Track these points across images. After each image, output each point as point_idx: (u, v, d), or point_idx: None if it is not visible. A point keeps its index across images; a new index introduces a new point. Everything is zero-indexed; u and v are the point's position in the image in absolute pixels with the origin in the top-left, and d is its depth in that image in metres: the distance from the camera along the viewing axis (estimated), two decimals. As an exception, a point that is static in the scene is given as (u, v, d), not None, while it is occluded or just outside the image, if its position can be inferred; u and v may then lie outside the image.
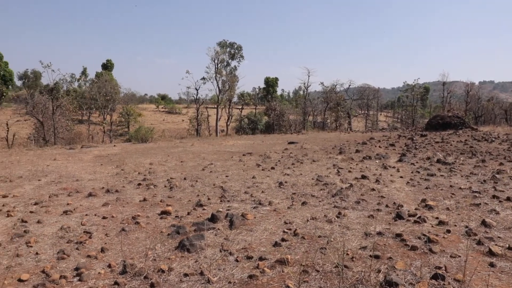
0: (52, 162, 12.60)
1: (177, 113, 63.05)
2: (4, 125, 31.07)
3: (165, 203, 6.76)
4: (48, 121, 29.98)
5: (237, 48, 43.35)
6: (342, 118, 42.38)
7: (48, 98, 32.12)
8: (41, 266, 4.17)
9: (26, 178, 9.53)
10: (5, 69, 53.11)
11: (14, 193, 7.69)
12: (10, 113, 46.21)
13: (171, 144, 19.58)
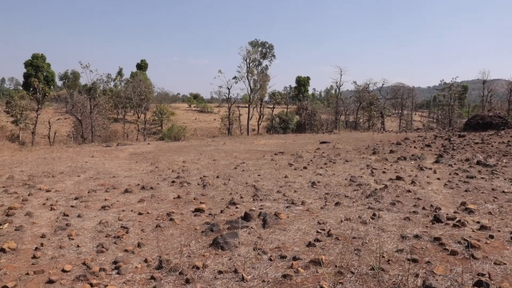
0: (90, 159, 13.06)
1: (208, 112, 63.82)
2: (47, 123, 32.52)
3: (198, 201, 6.85)
4: (86, 119, 31.13)
5: (269, 47, 43.39)
6: (375, 117, 41.54)
7: (86, 98, 33.34)
8: (82, 258, 4.33)
9: (67, 174, 9.92)
10: (47, 70, 55.57)
11: (56, 188, 8.03)
12: (52, 112, 48.29)
13: (203, 143, 19.84)
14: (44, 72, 56.02)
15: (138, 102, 41.16)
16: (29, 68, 55.89)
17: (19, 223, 5.59)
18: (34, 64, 56.07)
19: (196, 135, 31.08)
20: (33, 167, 11.34)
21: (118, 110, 48.21)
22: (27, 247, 4.71)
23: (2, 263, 4.20)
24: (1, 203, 6.80)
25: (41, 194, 7.56)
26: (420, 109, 73.40)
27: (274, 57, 43.92)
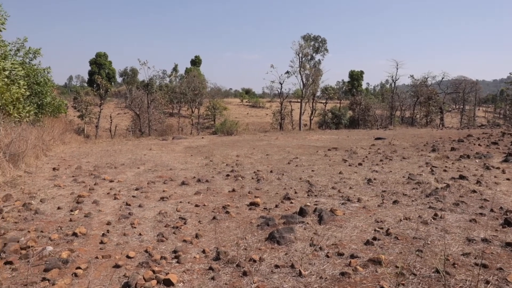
0: (148, 152, 13.64)
1: (260, 107, 64.16)
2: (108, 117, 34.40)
3: (253, 195, 6.92)
4: (143, 114, 32.53)
5: (321, 42, 42.68)
6: (433, 113, 39.48)
7: (144, 93, 34.80)
8: (144, 246, 4.54)
9: (127, 166, 10.44)
10: (109, 67, 58.74)
11: (118, 179, 8.47)
12: (113, 106, 51.03)
13: (256, 138, 19.99)
14: (106, 69, 59.29)
15: (192, 97, 42.27)
16: (93, 66, 59.40)
17: (88, 210, 5.97)
18: (97, 62, 59.50)
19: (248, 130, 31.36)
20: (97, 158, 12.06)
21: (173, 105, 49.84)
22: (95, 232, 5.02)
23: (75, 246, 4.51)
24: (72, 191, 7.31)
25: (105, 184, 8.02)
26: (485, 104, 68.69)
27: (326, 51, 43.14)
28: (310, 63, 41.93)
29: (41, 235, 4.92)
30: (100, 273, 3.84)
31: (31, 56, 16.18)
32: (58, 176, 8.85)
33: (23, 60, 15.69)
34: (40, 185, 7.93)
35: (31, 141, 11.36)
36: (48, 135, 14.76)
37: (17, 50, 15.11)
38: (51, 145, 14.43)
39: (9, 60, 12.98)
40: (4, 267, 3.98)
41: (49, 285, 3.56)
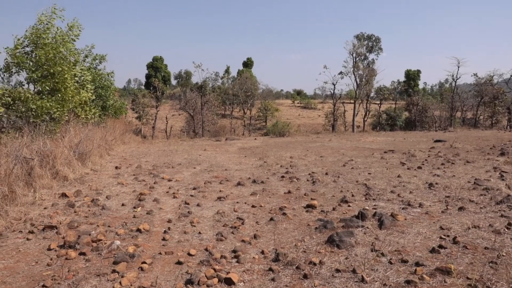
0: (203, 152, 13.99)
1: (312, 108, 63.54)
2: (164, 119, 35.75)
3: (309, 197, 6.86)
4: (197, 115, 33.42)
5: (375, 40, 41.48)
6: (500, 114, 36.84)
7: (197, 95, 35.78)
8: (204, 244, 4.65)
9: (184, 166, 10.77)
10: (165, 70, 61.28)
11: (176, 178, 8.76)
12: (168, 108, 52.94)
13: (308, 139, 19.81)
14: (162, 72, 61.87)
15: (244, 99, 42.79)
16: (150, 69, 62.19)
17: (149, 208, 6.23)
18: (154, 65, 62.22)
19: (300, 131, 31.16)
20: (155, 158, 12.56)
21: (226, 106, 50.77)
22: (157, 229, 5.22)
23: (139, 241, 4.72)
24: (134, 189, 7.67)
25: (164, 183, 8.32)
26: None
27: (381, 51, 41.88)
28: (364, 63, 40.90)
29: (108, 229, 5.20)
30: (164, 269, 3.99)
31: (97, 62, 17.22)
32: (121, 175, 9.32)
33: (90, 65, 16.72)
34: (105, 182, 8.40)
35: (96, 141, 12.09)
36: (110, 135, 15.61)
37: (85, 56, 16.14)
38: (113, 144, 15.24)
39: (79, 66, 13.90)
40: (79, 257, 4.26)
41: (119, 277, 3.75)
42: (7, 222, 5.44)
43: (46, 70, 11.95)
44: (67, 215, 5.90)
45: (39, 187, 7.33)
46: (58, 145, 9.24)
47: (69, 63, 12.49)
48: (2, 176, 6.01)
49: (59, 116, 12.03)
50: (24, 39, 12.48)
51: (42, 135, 9.07)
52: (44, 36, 12.08)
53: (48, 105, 11.65)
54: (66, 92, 12.37)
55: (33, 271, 3.98)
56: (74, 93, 12.62)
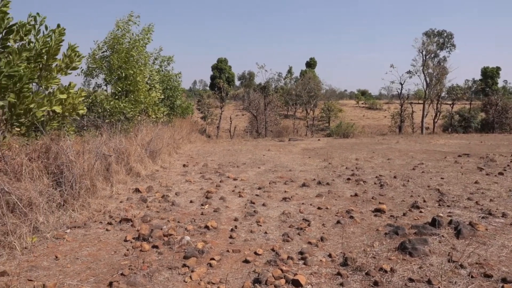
0: (266, 152, 14.08)
1: (377, 109, 61.40)
2: (228, 119, 36.58)
3: (377, 201, 6.61)
4: (260, 115, 33.75)
5: (447, 36, 38.99)
6: None
7: (260, 96, 36.12)
8: (270, 244, 4.66)
9: (248, 165, 10.92)
10: (229, 72, 62.76)
11: (241, 177, 8.91)
12: (232, 108, 54.11)
13: (374, 141, 19.15)
14: (226, 73, 63.39)
15: (307, 99, 42.45)
16: (214, 71, 64.02)
17: (216, 206, 6.40)
18: (218, 67, 63.96)
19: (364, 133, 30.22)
20: (220, 157, 12.88)
21: (289, 106, 50.76)
22: (224, 227, 5.33)
23: (208, 238, 4.86)
24: (201, 186, 7.93)
25: (230, 182, 8.49)
26: None
27: (453, 47, 39.28)
28: (434, 61, 38.62)
29: (178, 225, 5.42)
30: (231, 266, 4.06)
31: (165, 64, 18.09)
32: (188, 172, 9.68)
33: (160, 67, 17.62)
34: (174, 179, 8.77)
35: (166, 140, 12.68)
36: (178, 134, 16.29)
37: (155, 59, 17.04)
38: (180, 143, 15.90)
39: (148, 68, 14.70)
40: (152, 250, 4.48)
41: (189, 271, 3.88)
42: (89, 213, 5.89)
43: (120, 73, 12.79)
44: (140, 209, 6.25)
45: (115, 182, 7.84)
46: (132, 143, 9.82)
47: (140, 66, 13.25)
48: (86, 171, 6.51)
49: (132, 116, 12.82)
50: (104, 44, 13.47)
51: (118, 134, 9.69)
52: (121, 41, 12.95)
53: (122, 105, 12.46)
54: (138, 94, 13.15)
55: (112, 259, 4.26)
56: (145, 94, 13.37)
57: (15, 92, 6.88)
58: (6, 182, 5.12)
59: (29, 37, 7.44)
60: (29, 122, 7.55)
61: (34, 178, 5.72)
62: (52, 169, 6.20)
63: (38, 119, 7.46)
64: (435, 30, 38.45)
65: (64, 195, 5.89)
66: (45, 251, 4.50)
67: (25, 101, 7.10)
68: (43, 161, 6.25)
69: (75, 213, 5.77)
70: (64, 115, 8.08)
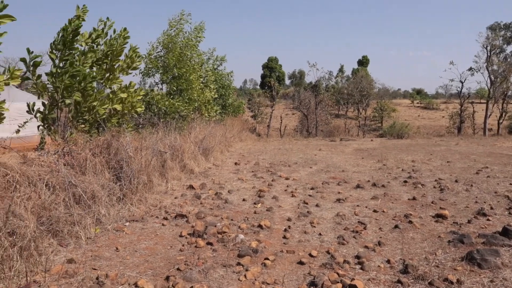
0: (318, 152, 13.86)
1: (433, 108, 58.52)
2: (278, 118, 36.59)
3: (437, 206, 6.24)
4: (311, 114, 33.38)
5: (516, 29, 36.18)
6: None
7: (311, 95, 35.72)
8: (325, 246, 4.54)
9: (300, 165, 10.80)
10: (279, 70, 62.67)
11: (293, 177, 8.82)
12: (282, 107, 54.03)
13: (431, 142, 18.22)
14: (277, 72, 63.36)
15: (359, 99, 41.41)
16: (265, 69, 64.23)
17: (269, 205, 6.36)
18: (269, 66, 64.08)
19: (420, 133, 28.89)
20: (271, 156, 12.85)
21: (340, 106, 49.80)
22: (277, 227, 5.28)
23: (261, 237, 4.83)
24: (253, 185, 7.94)
25: (282, 181, 8.43)
26: None
27: (523, 41, 36.38)
28: (500, 57, 36.02)
29: (231, 223, 5.45)
30: (285, 267, 4.00)
31: (218, 63, 18.39)
32: (240, 171, 9.74)
33: (213, 66, 17.95)
34: (226, 177, 8.86)
35: (218, 138, 12.87)
36: (230, 133, 16.49)
37: (208, 58, 17.38)
38: (232, 142, 16.07)
39: (204, 68, 15.03)
40: (206, 246, 4.53)
41: (243, 270, 3.87)
42: (146, 207, 6.10)
43: (174, 72, 13.18)
44: (194, 205, 6.37)
45: (170, 178, 8.07)
46: (186, 141, 10.06)
47: (194, 65, 13.56)
48: (143, 167, 6.75)
49: (186, 114, 13.15)
50: (158, 45, 13.94)
51: (173, 131, 9.97)
52: (174, 40, 13.33)
53: (176, 104, 12.81)
54: (192, 92, 13.47)
55: (168, 254, 4.36)
56: (199, 93, 13.67)
57: (80, 91, 7.29)
58: (73, 175, 5.42)
59: (98, 40, 7.86)
60: (92, 119, 7.97)
61: (96, 172, 6.01)
62: (112, 164, 6.49)
63: (100, 116, 7.86)
64: (501, 23, 35.89)
65: (123, 189, 6.14)
66: (107, 242, 4.70)
67: (89, 99, 7.51)
68: (104, 156, 6.56)
69: (133, 207, 5.99)
70: (124, 113, 8.45)
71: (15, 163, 5.01)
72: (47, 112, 7.42)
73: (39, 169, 5.23)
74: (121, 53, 8.11)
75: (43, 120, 7.47)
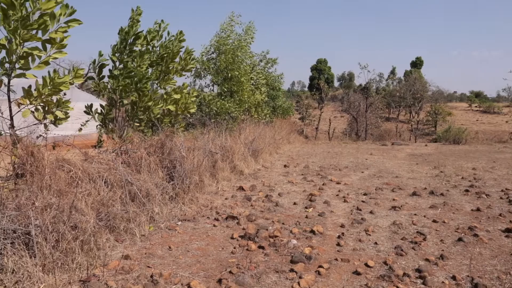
0: (369, 156, 13.41)
1: (494, 112, 54.98)
2: (327, 120, 36.05)
3: (507, 219, 5.74)
4: (360, 117, 32.52)
5: None
6: None
7: (361, 97, 34.81)
8: (382, 257, 4.31)
9: (351, 169, 10.48)
10: (328, 72, 61.86)
11: (344, 181, 8.56)
12: (331, 110, 53.17)
13: (493, 148, 17.05)
14: (326, 74, 62.57)
15: (412, 102, 39.78)
16: (313, 71, 63.65)
17: (320, 210, 6.19)
18: (318, 68, 63.45)
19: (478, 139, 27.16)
20: (321, 159, 12.61)
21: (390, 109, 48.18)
22: (330, 233, 5.11)
23: (314, 243, 4.69)
24: (304, 188, 7.79)
25: (333, 185, 8.21)
26: None
27: None
28: None
29: (283, 227, 5.34)
30: (341, 276, 3.83)
31: (269, 65, 18.39)
32: (289, 173, 9.62)
33: (264, 68, 17.97)
34: (276, 179, 8.77)
35: (267, 140, 12.83)
36: (278, 134, 16.41)
37: (260, 60, 17.42)
38: (280, 143, 15.97)
39: (255, 70, 15.08)
40: (258, 250, 4.46)
41: (297, 277, 3.75)
42: (197, 207, 6.15)
43: (225, 74, 13.31)
44: (245, 207, 6.33)
45: (221, 179, 8.11)
46: (236, 142, 10.10)
47: (245, 67, 13.62)
48: (195, 167, 6.83)
49: (236, 115, 13.24)
50: (210, 47, 14.15)
51: (223, 132, 10.04)
52: (226, 42, 13.47)
53: (227, 105, 12.93)
54: (243, 93, 13.53)
55: (220, 256, 4.34)
56: (249, 95, 13.71)
57: (137, 91, 7.53)
58: (129, 173, 5.57)
59: (154, 42, 8.09)
60: (147, 119, 8.20)
61: (151, 171, 6.15)
62: (165, 163, 6.62)
63: (155, 116, 8.06)
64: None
65: (175, 189, 6.23)
66: (160, 241, 4.77)
67: (145, 99, 7.73)
68: (158, 155, 6.70)
69: (185, 207, 6.06)
70: (177, 113, 8.62)
71: (77, 160, 5.23)
72: (105, 111, 7.73)
73: (98, 166, 5.42)
74: (176, 55, 8.28)
75: (102, 120, 7.79)
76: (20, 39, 4.53)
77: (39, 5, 4.53)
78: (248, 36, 14.28)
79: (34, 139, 4.98)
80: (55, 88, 4.97)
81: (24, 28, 4.49)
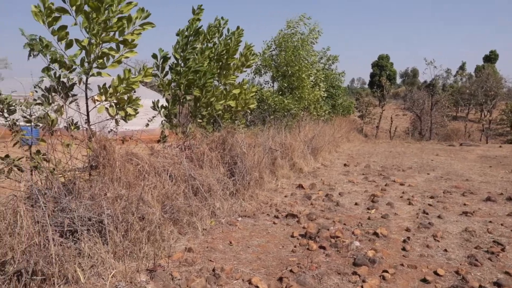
0: (435, 157, 12.68)
1: None
2: (388, 118, 34.70)
3: None
4: (424, 116, 30.88)
5: None
6: None
7: (426, 94, 33.02)
8: (453, 265, 4.03)
9: (415, 170, 9.97)
10: (390, 69, 59.46)
11: (409, 183, 8.15)
12: (393, 108, 51.12)
13: None
14: (387, 71, 60.19)
15: (484, 99, 37.02)
16: (375, 68, 61.52)
17: (383, 211, 5.94)
18: (379, 64, 61.22)
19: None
20: (382, 159, 12.14)
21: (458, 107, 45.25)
22: (395, 236, 4.88)
23: (377, 246, 4.50)
24: (365, 189, 7.54)
25: (396, 187, 7.85)
26: None
27: None
28: None
29: (344, 227, 5.19)
30: (407, 283, 3.63)
31: (330, 62, 18.04)
32: (350, 172, 9.36)
33: (324, 65, 17.67)
34: (336, 178, 8.58)
35: (326, 138, 12.60)
36: (338, 133, 16.06)
37: (320, 58, 17.15)
38: (339, 142, 15.63)
39: (315, 67, 14.87)
40: (319, 250, 4.37)
41: (360, 281, 3.62)
42: (257, 204, 6.18)
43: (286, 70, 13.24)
44: (305, 206, 6.25)
45: (280, 176, 8.09)
46: (295, 139, 10.01)
47: (306, 64, 13.46)
48: (255, 163, 6.86)
49: (295, 112, 13.14)
50: (272, 43, 14.15)
51: (283, 129, 10.00)
52: (289, 39, 13.40)
53: (286, 102, 12.87)
54: (303, 90, 13.40)
55: (280, 254, 4.31)
56: (309, 91, 13.54)
57: (200, 87, 7.71)
58: (192, 168, 5.73)
59: (214, 39, 8.25)
60: (209, 115, 8.38)
61: (212, 167, 6.27)
62: (227, 159, 6.72)
63: (217, 111, 8.22)
64: None
65: (236, 185, 6.30)
66: (221, 235, 4.85)
67: (207, 95, 7.90)
68: (219, 151, 6.82)
69: (245, 203, 6.11)
70: (237, 109, 8.72)
71: (144, 154, 5.46)
72: (170, 107, 8.01)
73: (163, 160, 5.63)
74: (236, 51, 8.37)
75: (167, 115, 8.09)
76: (100, 40, 4.81)
77: (121, 8, 4.78)
78: (312, 36, 14.13)
79: (106, 134, 5.27)
80: (129, 86, 5.23)
81: (104, 31, 4.77)
